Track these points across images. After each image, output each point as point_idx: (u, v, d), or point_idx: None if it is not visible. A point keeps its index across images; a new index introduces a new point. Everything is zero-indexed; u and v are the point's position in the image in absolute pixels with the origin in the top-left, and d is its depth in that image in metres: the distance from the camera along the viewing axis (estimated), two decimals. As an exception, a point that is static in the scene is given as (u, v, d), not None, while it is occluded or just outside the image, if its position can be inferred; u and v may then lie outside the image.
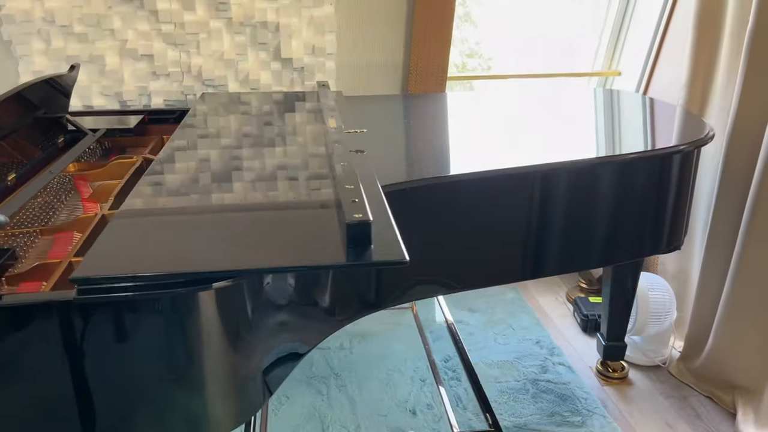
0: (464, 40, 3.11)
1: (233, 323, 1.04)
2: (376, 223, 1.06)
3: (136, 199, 1.25)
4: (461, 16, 3.03)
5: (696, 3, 2.23)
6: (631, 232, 1.81)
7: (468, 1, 2.99)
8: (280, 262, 0.97)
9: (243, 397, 1.12)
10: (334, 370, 2.42)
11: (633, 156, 1.69)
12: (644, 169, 1.76)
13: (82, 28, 2.29)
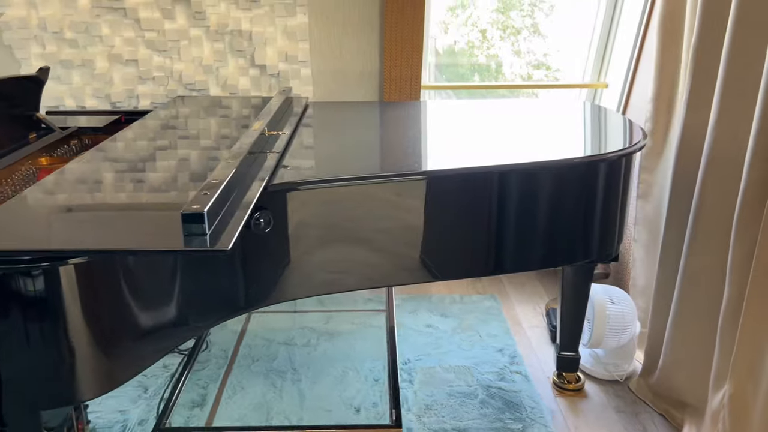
0: (531, 51, 3.11)
1: (84, 301, 1.15)
2: (226, 216, 1.15)
3: (38, 186, 1.38)
4: (528, 27, 3.05)
5: (659, 16, 2.22)
6: (563, 236, 1.82)
7: (536, 12, 3.01)
8: (103, 246, 1.07)
9: (106, 368, 1.22)
10: (293, 365, 2.51)
11: (557, 162, 1.71)
12: (571, 177, 1.77)
13: (72, 35, 2.49)
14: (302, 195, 1.49)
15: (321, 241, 1.56)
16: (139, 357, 1.27)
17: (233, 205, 1.25)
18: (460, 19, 2.99)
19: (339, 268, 1.58)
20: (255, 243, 1.45)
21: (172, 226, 1.16)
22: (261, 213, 1.45)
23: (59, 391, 1.19)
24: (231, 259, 1.37)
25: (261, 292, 1.47)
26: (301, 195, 1.49)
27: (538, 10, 3.01)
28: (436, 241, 1.65)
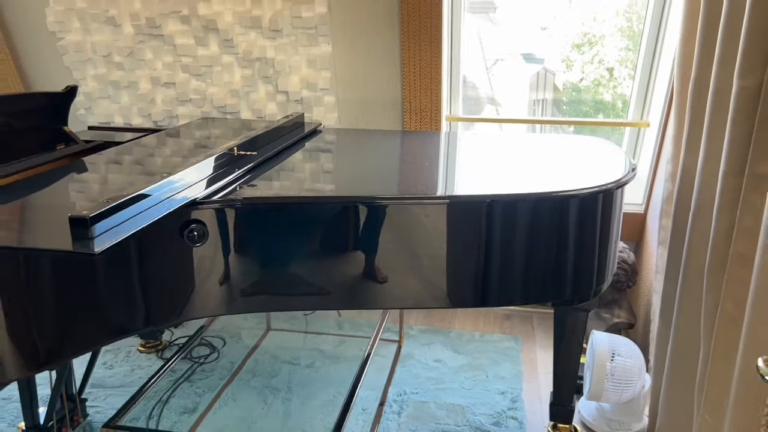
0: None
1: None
2: (125, 225, 1.22)
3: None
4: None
5: (677, 56, 2.09)
6: (536, 271, 1.74)
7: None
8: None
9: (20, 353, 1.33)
10: (289, 384, 2.55)
11: (524, 195, 1.64)
12: (542, 210, 1.69)
13: (120, 58, 2.73)
14: (231, 212, 1.54)
15: (260, 257, 1.60)
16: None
17: (141, 218, 1.33)
18: (586, 56, 3.00)
19: (277, 287, 1.61)
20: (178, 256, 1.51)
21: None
22: (196, 226, 1.52)
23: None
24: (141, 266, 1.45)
25: (176, 306, 1.53)
26: (230, 212, 1.54)
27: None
28: (384, 264, 1.63)
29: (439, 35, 2.50)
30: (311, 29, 2.56)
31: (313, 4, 2.53)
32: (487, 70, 3.35)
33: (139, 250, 1.45)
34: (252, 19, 2.58)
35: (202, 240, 1.53)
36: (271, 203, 1.57)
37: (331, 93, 2.68)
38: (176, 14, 2.62)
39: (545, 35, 3.11)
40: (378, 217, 1.62)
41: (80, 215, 1.17)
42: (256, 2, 2.57)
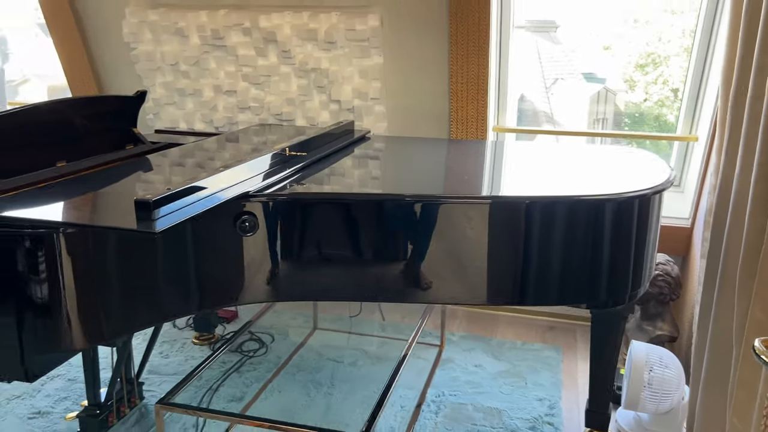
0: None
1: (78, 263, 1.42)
2: (183, 210, 1.36)
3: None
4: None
5: (721, 69, 2.11)
6: (572, 272, 1.78)
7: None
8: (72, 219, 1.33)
9: (90, 325, 1.48)
10: (332, 380, 2.65)
11: (559, 198, 1.70)
12: (578, 213, 1.74)
13: (186, 67, 2.93)
14: (280, 205, 1.66)
15: (304, 250, 1.71)
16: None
17: (198, 205, 1.46)
18: (650, 76, 3.04)
19: (315, 279, 1.72)
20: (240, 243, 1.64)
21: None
22: (247, 217, 1.65)
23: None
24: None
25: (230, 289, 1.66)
26: (279, 205, 1.66)
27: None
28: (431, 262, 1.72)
29: (487, 49, 2.58)
30: (364, 41, 2.69)
31: (367, 18, 2.66)
32: (547, 89, 3.40)
33: (196, 237, 1.58)
34: (309, 32, 2.73)
35: (253, 230, 1.66)
36: (318, 199, 1.68)
37: (381, 102, 2.80)
38: (239, 26, 2.80)
39: (607, 55, 3.13)
40: (421, 215, 1.71)
41: (145, 199, 1.31)
42: (313, 16, 2.72)
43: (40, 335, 1.45)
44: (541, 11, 3.10)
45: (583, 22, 3.11)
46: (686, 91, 2.78)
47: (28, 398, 2.50)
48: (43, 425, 2.34)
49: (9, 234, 1.38)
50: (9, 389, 2.56)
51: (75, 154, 2.12)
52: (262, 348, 2.89)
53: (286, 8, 2.74)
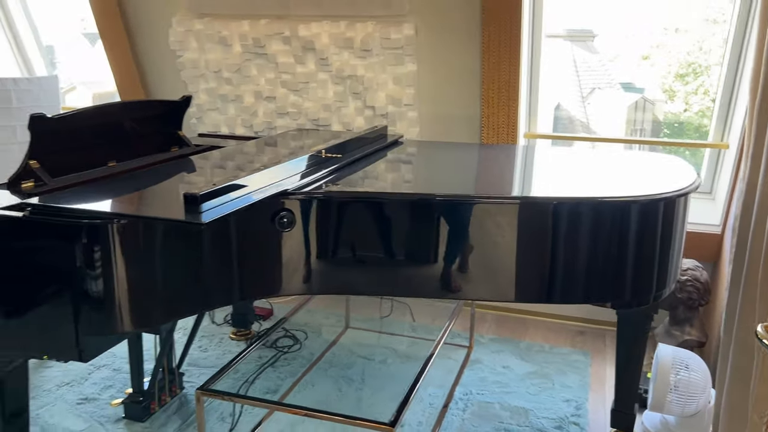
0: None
1: (128, 254, 1.53)
2: (219, 200, 1.47)
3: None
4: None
5: (750, 75, 2.14)
6: (588, 272, 1.83)
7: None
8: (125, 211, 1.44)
9: (142, 310, 1.59)
10: (363, 376, 2.73)
11: (584, 200, 1.76)
12: (604, 214, 1.80)
13: (228, 74, 3.07)
14: (316, 203, 1.76)
15: (336, 245, 1.80)
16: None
17: (240, 201, 1.57)
18: (690, 86, 3.05)
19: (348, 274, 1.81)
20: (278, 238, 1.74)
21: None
22: (285, 213, 1.75)
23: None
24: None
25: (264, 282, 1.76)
26: (315, 203, 1.76)
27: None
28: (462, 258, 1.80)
29: (518, 57, 2.65)
30: (398, 49, 2.79)
31: (402, 27, 2.75)
32: (583, 99, 3.43)
33: (238, 232, 1.69)
34: (345, 40, 2.84)
35: (290, 226, 1.76)
36: (351, 198, 1.77)
37: (414, 108, 2.89)
38: (279, 35, 2.92)
39: (646, 64, 3.14)
40: (451, 215, 1.79)
41: (193, 193, 1.42)
42: (350, 25, 2.83)
43: (93, 318, 1.57)
44: (578, 20, 3.14)
45: (622, 32, 3.12)
46: (718, 98, 2.80)
47: (77, 386, 2.64)
48: (90, 410, 2.47)
49: (67, 224, 1.51)
50: (59, 376, 2.71)
51: (125, 155, 2.26)
52: (296, 344, 2.99)
53: (325, 18, 2.86)
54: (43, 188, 1.83)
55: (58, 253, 1.52)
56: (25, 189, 1.82)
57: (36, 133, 1.82)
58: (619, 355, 2.20)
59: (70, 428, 2.36)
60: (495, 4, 2.59)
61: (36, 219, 1.53)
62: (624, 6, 3.00)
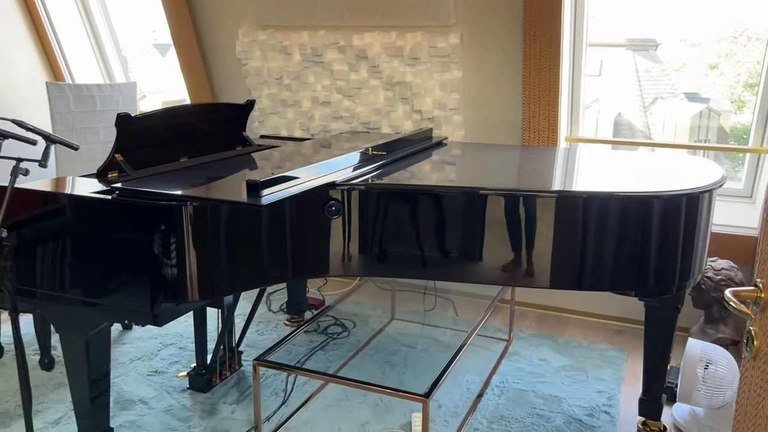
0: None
1: (200, 234, 1.78)
2: (277, 187, 1.70)
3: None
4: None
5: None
6: (615, 262, 1.98)
7: None
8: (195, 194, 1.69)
9: (211, 280, 1.84)
10: (405, 362, 2.92)
11: (613, 194, 1.91)
12: (630, 208, 1.94)
13: (288, 81, 3.33)
14: (362, 194, 1.97)
15: (384, 233, 2.01)
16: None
17: (294, 189, 1.79)
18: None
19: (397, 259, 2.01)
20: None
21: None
22: (333, 202, 1.97)
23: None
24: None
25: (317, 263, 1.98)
26: (361, 193, 1.97)
27: None
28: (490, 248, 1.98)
29: (558, 64, 2.80)
30: (445, 57, 2.98)
31: (448, 36, 2.95)
32: (645, 108, 3.49)
33: (292, 217, 1.91)
34: (395, 49, 3.05)
35: (338, 214, 1.98)
36: (393, 189, 1.98)
37: (460, 113, 3.07)
38: (335, 45, 3.16)
39: (714, 74, 3.10)
40: (489, 206, 1.97)
41: (254, 180, 1.65)
42: (400, 35, 3.04)
43: (167, 288, 1.82)
44: (640, 30, 3.17)
45: (687, 41, 3.10)
46: (758, 103, 2.87)
47: (147, 360, 2.93)
48: (159, 381, 2.75)
49: (147, 205, 1.77)
50: (132, 352, 3.01)
51: (195, 152, 2.54)
52: (345, 332, 3.21)
53: (377, 28, 3.08)
54: (126, 178, 2.11)
55: (138, 230, 1.78)
56: (111, 178, 2.11)
57: (121, 130, 2.10)
58: (647, 346, 2.32)
59: (142, 395, 2.64)
60: (536, 15, 2.75)
61: (122, 201, 1.80)
62: (689, 15, 2.99)
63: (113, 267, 1.85)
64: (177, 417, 2.48)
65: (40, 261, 1.92)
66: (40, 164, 1.64)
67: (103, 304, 1.89)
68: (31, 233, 1.91)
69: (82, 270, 1.88)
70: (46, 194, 1.89)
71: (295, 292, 3.31)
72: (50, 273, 1.92)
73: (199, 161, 2.45)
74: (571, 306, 3.41)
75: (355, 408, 2.55)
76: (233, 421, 2.46)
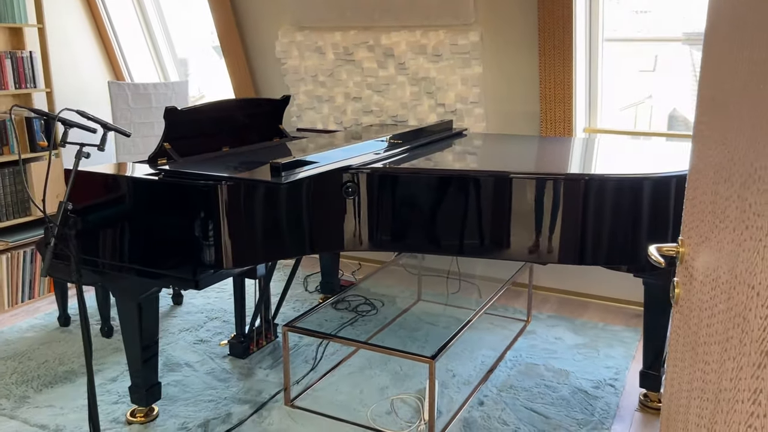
0: None
1: (234, 210, 2.06)
2: (298, 169, 1.96)
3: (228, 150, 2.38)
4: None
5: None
6: (611, 238, 2.16)
7: None
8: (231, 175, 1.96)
9: (246, 250, 2.12)
10: (427, 337, 3.15)
11: (605, 175, 2.11)
12: (620, 188, 2.13)
13: (323, 78, 3.61)
14: (377, 176, 2.21)
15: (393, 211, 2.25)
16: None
17: (317, 169, 2.05)
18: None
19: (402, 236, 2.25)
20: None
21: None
22: (350, 183, 2.22)
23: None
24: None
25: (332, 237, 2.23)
26: (376, 176, 2.21)
27: None
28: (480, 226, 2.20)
29: (570, 59, 2.98)
30: (466, 54, 3.19)
31: (468, 34, 3.16)
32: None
33: (313, 197, 2.17)
34: (420, 47, 3.28)
35: (354, 194, 2.22)
36: (409, 173, 2.21)
37: (480, 106, 3.27)
38: (365, 44, 3.41)
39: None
40: (494, 187, 2.18)
41: (277, 162, 1.92)
42: (424, 34, 3.27)
43: (206, 256, 2.11)
44: (697, 23, 3.17)
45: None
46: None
47: (194, 331, 3.26)
48: (203, 348, 3.07)
49: (189, 184, 2.06)
50: (180, 324, 3.34)
51: (236, 142, 2.83)
52: (373, 310, 3.46)
53: (403, 28, 3.32)
54: (172, 164, 2.41)
55: (181, 207, 2.08)
56: (160, 164, 2.42)
57: (169, 121, 2.41)
58: (646, 322, 2.48)
59: (188, 360, 2.96)
60: (549, 13, 2.93)
61: (167, 180, 2.10)
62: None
63: (161, 239, 2.15)
64: (218, 378, 2.79)
65: (99, 234, 2.24)
66: (98, 148, 1.94)
67: (152, 272, 2.19)
68: (91, 209, 2.23)
69: (134, 242, 2.19)
70: (106, 176, 2.21)
71: (328, 273, 3.58)
72: (109, 244, 2.24)
73: (238, 150, 2.75)
74: (592, 290, 3.56)
75: (376, 375, 2.80)
76: (267, 383, 2.74)
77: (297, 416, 2.49)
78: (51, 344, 3.13)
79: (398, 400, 2.61)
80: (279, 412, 2.53)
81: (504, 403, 2.58)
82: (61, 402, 2.61)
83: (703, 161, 1.12)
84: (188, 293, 3.70)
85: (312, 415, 2.50)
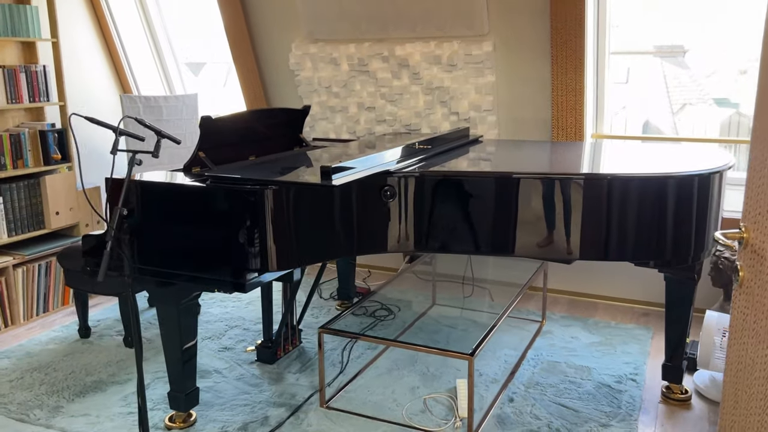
0: None
1: (280, 213, 2.12)
2: (343, 173, 2.03)
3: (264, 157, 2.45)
4: None
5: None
6: (637, 235, 2.26)
7: None
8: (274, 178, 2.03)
9: (290, 254, 2.17)
10: (447, 340, 3.22)
11: (629, 177, 2.21)
12: (645, 187, 2.23)
13: (336, 89, 3.69)
14: (413, 180, 2.29)
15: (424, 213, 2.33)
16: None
17: (361, 174, 2.12)
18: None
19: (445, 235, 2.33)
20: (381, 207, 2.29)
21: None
22: (388, 187, 2.30)
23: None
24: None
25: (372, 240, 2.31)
26: (412, 180, 2.29)
27: None
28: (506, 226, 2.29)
29: (582, 68, 3.10)
30: (479, 63, 3.30)
31: (482, 44, 3.27)
32: (673, 114, 3.68)
33: (356, 201, 2.24)
34: (434, 57, 3.38)
35: (393, 198, 2.30)
36: (440, 175, 2.30)
37: (493, 113, 3.38)
38: (379, 55, 3.51)
39: (744, 79, 3.17)
40: (521, 188, 2.27)
41: (326, 165, 1.99)
42: (438, 44, 3.37)
43: (252, 259, 2.16)
44: (668, 36, 3.28)
45: (717, 47, 3.17)
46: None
47: (217, 339, 3.29)
48: (228, 355, 3.10)
49: (237, 189, 2.12)
50: (202, 332, 3.37)
51: (261, 151, 2.89)
52: (391, 315, 3.53)
53: (417, 39, 3.42)
54: (209, 172, 2.46)
55: (228, 212, 2.13)
56: (195, 172, 2.47)
57: (204, 131, 2.46)
58: (668, 316, 2.59)
59: (216, 367, 2.99)
60: (562, 23, 3.06)
61: (217, 186, 2.16)
62: (718, 22, 3.07)
63: (207, 244, 2.19)
64: (249, 383, 2.83)
65: (144, 240, 2.28)
66: (153, 155, 1.99)
67: (198, 276, 2.23)
68: (137, 217, 2.27)
69: (181, 247, 2.23)
70: (153, 184, 2.25)
71: (344, 279, 3.64)
72: (155, 251, 2.28)
73: (264, 159, 2.81)
74: (600, 291, 3.67)
75: (405, 376, 2.86)
76: (298, 386, 2.79)
77: (334, 417, 2.54)
78: (74, 355, 3.13)
79: (431, 399, 2.68)
80: (316, 413, 2.57)
81: (533, 399, 2.66)
82: (95, 411, 2.63)
83: (765, 153, 1.22)
84: (205, 303, 3.73)
85: (348, 416, 2.55)
